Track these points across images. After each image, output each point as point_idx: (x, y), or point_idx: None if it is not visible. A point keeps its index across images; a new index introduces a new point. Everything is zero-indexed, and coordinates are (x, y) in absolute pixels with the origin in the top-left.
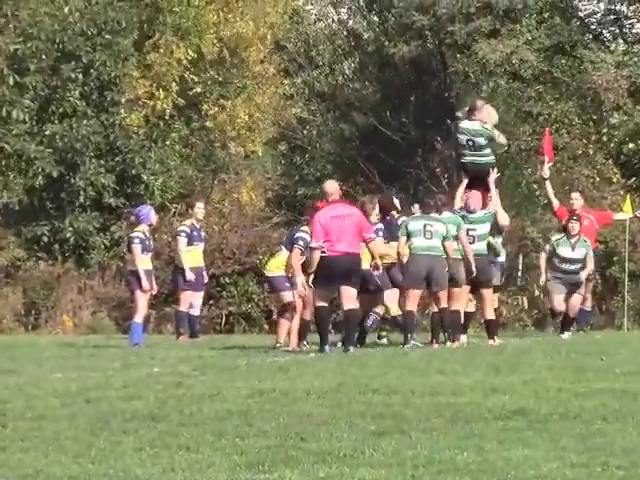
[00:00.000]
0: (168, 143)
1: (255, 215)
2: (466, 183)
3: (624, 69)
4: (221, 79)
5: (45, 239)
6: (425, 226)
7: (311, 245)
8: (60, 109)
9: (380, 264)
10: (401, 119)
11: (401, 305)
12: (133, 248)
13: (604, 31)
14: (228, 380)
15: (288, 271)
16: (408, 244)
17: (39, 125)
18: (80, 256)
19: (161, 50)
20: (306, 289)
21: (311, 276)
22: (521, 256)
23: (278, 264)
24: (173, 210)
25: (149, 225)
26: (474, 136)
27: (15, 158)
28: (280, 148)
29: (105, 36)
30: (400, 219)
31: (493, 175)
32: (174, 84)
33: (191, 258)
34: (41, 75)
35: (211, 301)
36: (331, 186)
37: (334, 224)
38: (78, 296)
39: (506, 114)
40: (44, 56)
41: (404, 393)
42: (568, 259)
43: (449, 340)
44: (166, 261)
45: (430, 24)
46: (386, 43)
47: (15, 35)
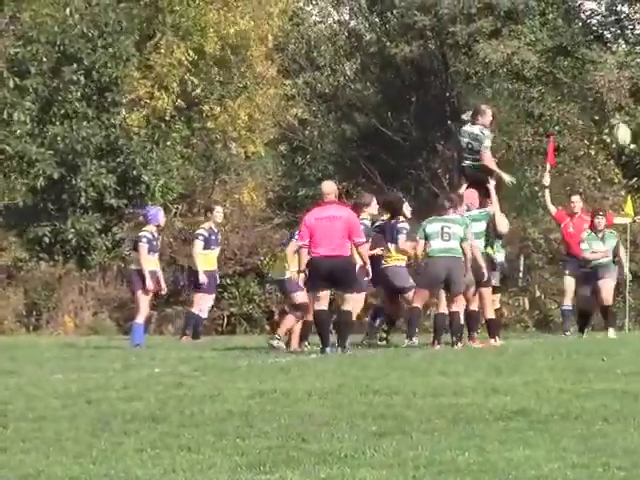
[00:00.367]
0: (169, 144)
1: (256, 216)
2: (465, 187)
3: (626, 70)
4: (222, 79)
5: (47, 240)
6: (443, 228)
7: (297, 244)
8: (61, 111)
9: (369, 269)
10: (402, 120)
11: (398, 304)
12: (140, 247)
13: (605, 32)
14: (229, 381)
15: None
16: (426, 247)
17: (40, 127)
18: (81, 257)
19: (162, 51)
20: (297, 280)
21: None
22: (522, 257)
23: (284, 265)
24: (174, 211)
25: (157, 226)
26: (473, 140)
27: (17, 160)
28: (281, 149)
29: (106, 38)
30: (400, 223)
31: (492, 182)
32: (175, 84)
33: (206, 262)
34: (42, 77)
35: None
36: (327, 186)
37: (319, 225)
38: (79, 297)
39: (508, 115)
40: (44, 59)
41: (405, 394)
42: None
43: (456, 343)
44: (167, 262)
45: (432, 24)
46: (387, 44)
47: (15, 38)
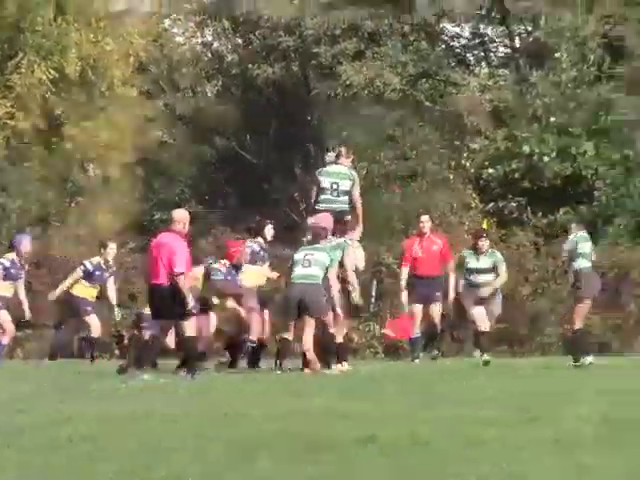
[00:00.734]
0: (27, 165)
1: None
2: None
3: (487, 93)
4: (82, 100)
5: None
6: (306, 255)
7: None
8: None
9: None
10: (261, 142)
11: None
12: None
13: (469, 55)
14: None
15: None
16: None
17: None
18: None
19: (22, 70)
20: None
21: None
22: (375, 282)
23: None
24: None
25: (22, 253)
26: (342, 179)
27: None
28: (138, 172)
29: None
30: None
31: (349, 219)
32: (35, 105)
33: (86, 292)
34: None
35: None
36: (176, 214)
37: (150, 253)
38: None
39: (368, 138)
40: None
41: (253, 417)
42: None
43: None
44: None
45: (296, 45)
46: (250, 65)
47: None
